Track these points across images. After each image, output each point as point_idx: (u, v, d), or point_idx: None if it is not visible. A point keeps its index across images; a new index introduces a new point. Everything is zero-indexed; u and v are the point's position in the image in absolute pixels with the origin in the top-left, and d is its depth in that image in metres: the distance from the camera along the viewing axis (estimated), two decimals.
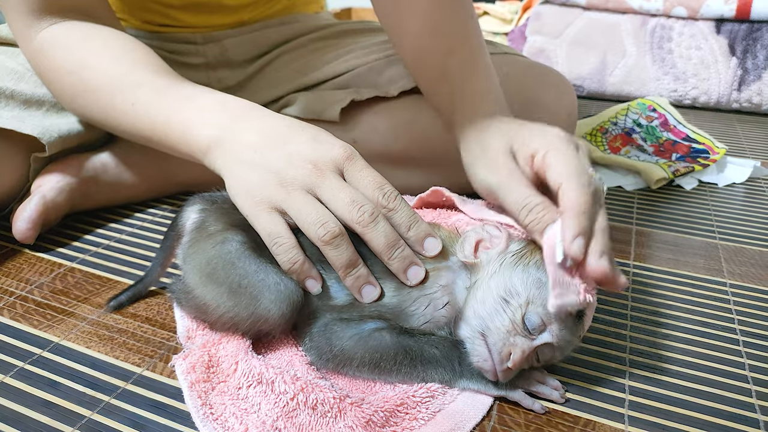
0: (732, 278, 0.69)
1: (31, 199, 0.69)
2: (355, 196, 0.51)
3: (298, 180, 0.52)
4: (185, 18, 0.84)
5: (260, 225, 0.52)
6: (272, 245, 0.51)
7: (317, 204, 0.51)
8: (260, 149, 0.54)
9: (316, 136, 0.55)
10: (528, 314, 0.46)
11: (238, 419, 0.45)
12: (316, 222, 0.50)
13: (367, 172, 0.53)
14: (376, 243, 0.51)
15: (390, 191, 0.52)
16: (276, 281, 0.49)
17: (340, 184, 0.52)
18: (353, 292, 0.51)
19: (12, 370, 0.51)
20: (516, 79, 0.80)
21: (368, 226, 0.50)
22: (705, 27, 1.43)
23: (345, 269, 0.51)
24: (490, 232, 0.52)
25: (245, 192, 0.53)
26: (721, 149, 1.03)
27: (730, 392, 0.51)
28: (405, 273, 0.51)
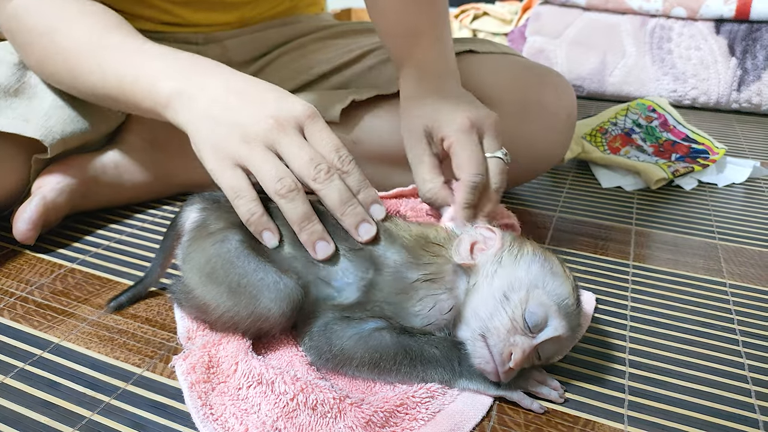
0: (731, 278, 0.69)
1: (32, 200, 0.69)
2: (313, 154, 0.54)
3: (260, 136, 0.54)
4: (186, 15, 0.84)
5: (224, 180, 0.54)
6: (233, 199, 0.53)
7: (277, 160, 0.54)
8: (226, 104, 0.56)
9: (280, 95, 0.57)
10: (529, 309, 0.46)
11: (238, 420, 0.45)
12: (274, 177, 0.52)
13: (326, 134, 0.56)
14: (330, 199, 0.53)
15: (345, 155, 0.55)
16: (275, 280, 0.50)
17: (300, 141, 0.54)
18: (308, 247, 0.53)
19: (12, 371, 0.51)
20: (515, 79, 0.80)
21: (323, 183, 0.53)
22: (704, 27, 1.43)
23: (300, 223, 0.53)
24: (483, 234, 0.52)
25: (210, 147, 0.55)
26: (721, 149, 1.03)
27: (730, 392, 0.51)
28: (356, 229, 0.53)
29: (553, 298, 0.47)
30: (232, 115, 0.55)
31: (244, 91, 0.57)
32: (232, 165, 0.54)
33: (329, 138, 0.55)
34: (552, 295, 0.47)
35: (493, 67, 0.81)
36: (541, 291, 0.47)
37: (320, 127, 0.56)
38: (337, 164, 0.54)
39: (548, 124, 0.81)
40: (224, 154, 0.54)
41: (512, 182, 0.89)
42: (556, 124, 0.82)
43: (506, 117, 0.79)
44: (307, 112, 0.56)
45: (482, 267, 0.50)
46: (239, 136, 0.54)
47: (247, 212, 0.53)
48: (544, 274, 0.48)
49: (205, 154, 0.56)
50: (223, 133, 0.55)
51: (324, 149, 0.55)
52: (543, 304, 0.46)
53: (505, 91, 0.79)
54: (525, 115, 0.79)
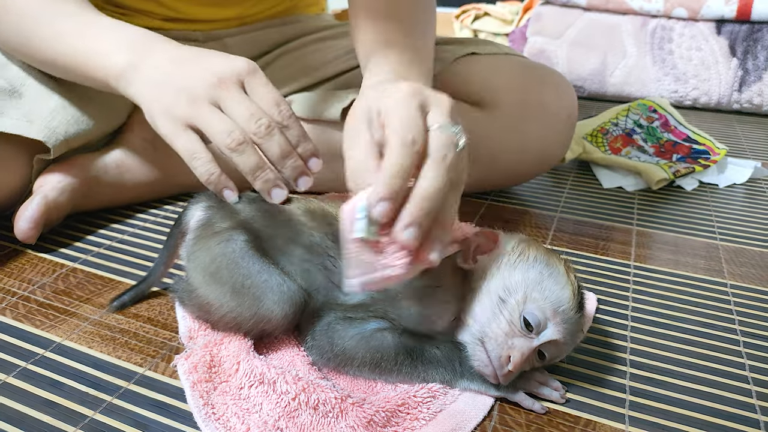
0: (732, 279, 0.70)
1: (33, 199, 0.69)
2: (254, 109, 0.56)
3: (204, 94, 0.56)
4: (186, 9, 0.84)
5: (179, 144, 0.57)
6: (190, 161, 0.56)
7: (223, 116, 0.56)
8: (171, 70, 0.59)
9: (221, 55, 0.60)
10: (527, 311, 0.46)
11: (240, 419, 0.45)
12: (223, 131, 0.55)
13: (267, 89, 0.58)
14: (271, 153, 0.56)
15: (285, 108, 0.57)
16: (279, 282, 0.50)
17: (241, 97, 0.57)
18: (264, 195, 0.56)
19: (15, 370, 0.51)
20: (516, 79, 0.80)
21: (264, 138, 0.55)
22: (705, 28, 1.43)
23: (253, 173, 0.55)
24: (486, 236, 0.52)
25: (161, 113, 0.58)
26: (722, 150, 1.04)
27: (731, 393, 0.51)
28: (296, 181, 0.57)
29: (551, 302, 0.47)
30: (178, 80, 0.58)
31: (187, 57, 0.60)
32: (184, 127, 0.57)
33: (270, 93, 0.58)
34: (550, 300, 0.47)
35: (494, 68, 0.81)
36: (539, 295, 0.47)
37: (261, 82, 0.58)
38: (277, 118, 0.57)
39: (549, 124, 0.81)
40: (175, 117, 0.57)
41: (513, 182, 0.89)
42: (557, 124, 0.82)
43: (507, 117, 0.80)
44: (249, 68, 0.58)
45: (482, 270, 0.50)
46: (186, 98, 0.57)
47: (206, 173, 0.55)
48: (543, 279, 0.47)
49: (158, 121, 0.58)
50: (170, 98, 0.57)
51: (264, 104, 0.57)
52: (540, 308, 0.46)
53: (506, 91, 0.80)
54: (526, 115, 0.79)
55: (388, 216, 0.42)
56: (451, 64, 0.82)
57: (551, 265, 0.49)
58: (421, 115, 0.47)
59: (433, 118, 0.47)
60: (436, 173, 0.44)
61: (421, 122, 0.46)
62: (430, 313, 0.50)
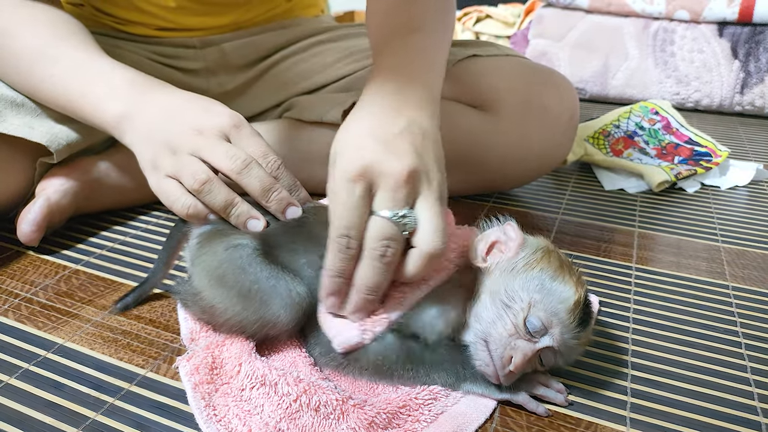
0: (734, 281, 0.69)
1: (36, 202, 0.70)
2: (231, 149, 0.55)
3: (185, 147, 0.56)
4: (180, 19, 0.85)
5: (161, 194, 0.57)
6: (170, 206, 0.56)
7: (195, 161, 0.55)
8: (157, 124, 0.59)
9: (208, 107, 0.59)
10: (530, 317, 0.46)
11: (242, 421, 0.45)
12: (190, 175, 0.55)
13: (254, 140, 0.57)
14: (252, 188, 0.55)
15: (273, 159, 0.57)
16: (287, 288, 0.50)
17: (219, 142, 0.56)
18: (240, 228, 0.55)
19: (17, 372, 0.51)
20: (518, 81, 0.80)
21: (242, 173, 0.54)
22: (707, 30, 1.43)
23: (224, 210, 0.55)
24: (509, 234, 0.52)
25: (149, 167, 0.59)
26: (724, 152, 1.03)
27: (732, 395, 0.51)
28: (284, 213, 0.56)
29: (550, 312, 0.46)
30: (162, 134, 0.58)
31: (174, 109, 0.60)
32: (166, 178, 0.57)
33: (256, 144, 0.57)
34: (550, 310, 0.47)
35: (496, 70, 0.81)
36: (541, 304, 0.47)
37: (247, 135, 0.58)
38: (267, 170, 0.56)
39: (551, 125, 0.81)
40: (159, 170, 0.57)
41: (515, 184, 0.89)
42: (559, 125, 0.82)
43: (509, 119, 0.80)
44: (233, 121, 0.58)
45: (492, 271, 0.50)
46: (169, 151, 0.57)
47: (183, 208, 0.55)
48: (548, 289, 0.47)
49: (147, 174, 0.59)
50: (157, 152, 0.58)
51: (251, 154, 0.56)
52: (542, 317, 0.46)
53: (508, 93, 0.80)
54: (528, 117, 0.80)
55: (338, 306, 0.49)
56: (452, 66, 0.82)
57: (558, 278, 0.48)
58: (364, 201, 0.47)
59: (379, 202, 0.47)
60: (369, 267, 0.47)
61: (359, 217, 0.47)
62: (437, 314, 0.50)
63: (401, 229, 0.46)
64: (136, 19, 0.84)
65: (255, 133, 0.58)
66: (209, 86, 0.89)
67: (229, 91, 0.90)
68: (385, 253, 0.46)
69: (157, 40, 0.86)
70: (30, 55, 0.67)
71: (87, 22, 0.82)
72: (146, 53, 0.85)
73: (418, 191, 0.48)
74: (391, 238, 0.46)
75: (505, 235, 0.52)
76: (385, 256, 0.46)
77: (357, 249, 0.47)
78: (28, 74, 0.68)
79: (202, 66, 0.88)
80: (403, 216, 0.47)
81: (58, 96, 0.67)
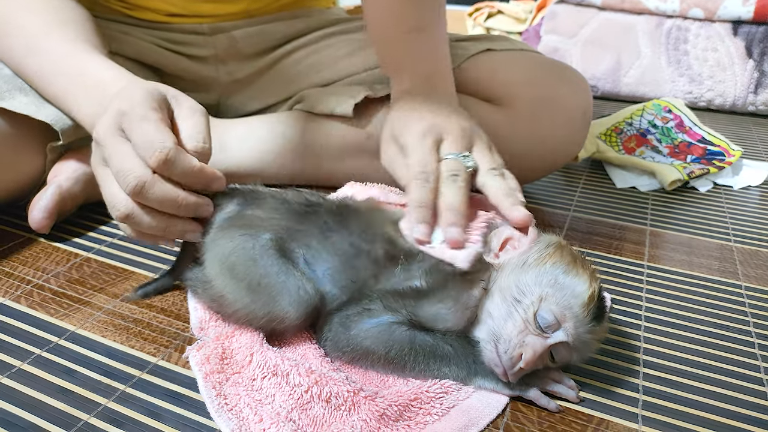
0: (747, 281, 0.69)
1: (47, 189, 0.70)
2: (123, 166, 0.49)
3: (99, 159, 0.53)
4: (189, 5, 0.84)
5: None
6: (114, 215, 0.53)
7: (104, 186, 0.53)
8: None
9: (118, 94, 0.53)
10: (540, 312, 0.46)
11: (253, 410, 0.45)
12: (111, 208, 0.52)
13: (140, 128, 0.50)
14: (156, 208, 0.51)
15: (159, 149, 0.48)
16: (297, 285, 0.50)
17: (115, 151, 0.50)
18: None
19: (29, 357, 0.51)
20: (532, 75, 0.80)
21: (140, 196, 0.50)
22: (722, 29, 1.42)
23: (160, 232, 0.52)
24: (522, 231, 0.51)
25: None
26: (737, 152, 1.03)
27: (745, 394, 0.51)
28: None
29: (563, 306, 0.46)
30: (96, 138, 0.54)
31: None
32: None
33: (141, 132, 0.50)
34: (562, 305, 0.46)
35: (509, 64, 0.81)
36: (553, 299, 0.46)
37: (136, 120, 0.51)
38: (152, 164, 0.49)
39: (564, 120, 0.81)
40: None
41: (526, 179, 0.88)
42: (572, 120, 0.81)
43: (523, 113, 0.79)
44: (122, 107, 0.51)
45: (504, 267, 0.50)
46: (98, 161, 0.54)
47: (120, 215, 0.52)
48: (559, 284, 0.47)
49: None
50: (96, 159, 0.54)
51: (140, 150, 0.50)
52: (555, 311, 0.46)
53: (522, 87, 0.79)
54: (541, 111, 0.79)
55: (426, 234, 0.52)
56: (466, 61, 0.81)
57: (571, 272, 0.48)
58: (435, 149, 0.58)
59: (445, 148, 0.58)
60: (449, 189, 0.55)
61: (434, 159, 0.57)
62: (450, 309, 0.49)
63: (465, 165, 0.57)
64: (145, 5, 0.84)
65: (143, 116, 0.50)
66: (218, 74, 0.89)
67: (239, 80, 0.90)
68: (456, 180, 0.55)
69: (167, 26, 0.86)
70: (22, 46, 0.68)
71: (97, 8, 0.83)
72: (155, 39, 0.85)
73: (473, 143, 0.60)
74: (459, 170, 0.56)
75: (519, 231, 0.52)
76: (458, 179, 0.55)
77: (435, 183, 0.55)
78: (23, 66, 0.69)
79: (212, 53, 0.88)
80: (464, 156, 0.58)
81: (46, 92, 0.68)
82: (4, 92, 0.69)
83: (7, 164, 0.69)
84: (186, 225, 0.54)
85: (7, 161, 0.69)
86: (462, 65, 0.81)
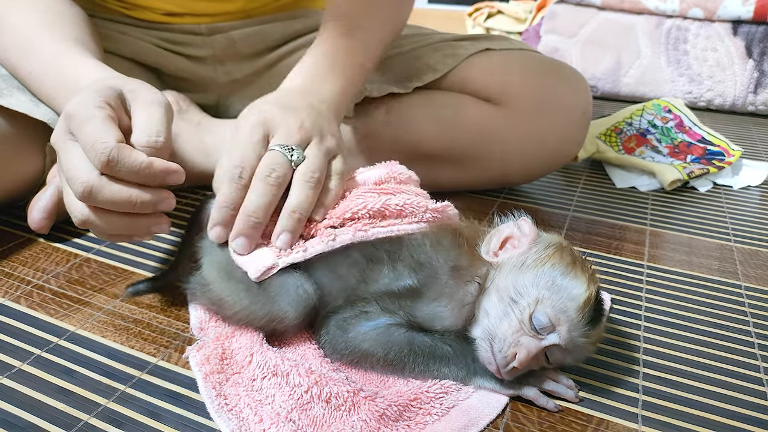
0: (747, 281, 0.69)
1: (47, 189, 0.70)
2: (70, 173, 0.48)
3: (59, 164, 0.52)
4: (187, 3, 0.84)
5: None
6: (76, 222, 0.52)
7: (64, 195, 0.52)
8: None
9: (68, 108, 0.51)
10: (536, 313, 0.46)
11: (253, 410, 0.45)
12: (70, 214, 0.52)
13: (85, 129, 0.48)
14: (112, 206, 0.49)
15: (101, 149, 0.46)
16: (297, 285, 0.50)
17: (67, 153, 0.49)
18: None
19: (29, 358, 0.51)
20: (531, 75, 0.80)
21: (90, 200, 0.48)
22: (721, 29, 1.42)
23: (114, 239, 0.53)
24: (523, 229, 0.51)
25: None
26: (737, 152, 1.03)
27: (745, 394, 0.51)
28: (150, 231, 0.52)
29: (562, 309, 0.46)
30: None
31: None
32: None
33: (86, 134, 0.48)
34: (561, 307, 0.46)
35: (508, 64, 0.81)
36: (549, 301, 0.46)
37: (81, 122, 0.49)
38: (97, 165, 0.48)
39: (563, 119, 0.81)
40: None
41: (526, 178, 0.88)
42: (572, 120, 0.81)
43: (522, 113, 0.80)
44: (70, 110, 0.49)
45: (503, 266, 0.50)
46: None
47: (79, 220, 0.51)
48: (556, 286, 0.47)
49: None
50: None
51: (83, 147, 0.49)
52: (550, 313, 0.46)
53: (521, 87, 0.79)
54: (541, 111, 0.79)
55: (222, 237, 0.51)
56: (465, 61, 0.81)
57: (569, 274, 0.47)
58: (262, 144, 0.53)
59: (273, 141, 0.53)
60: (254, 190, 0.50)
61: (255, 154, 0.52)
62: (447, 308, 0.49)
63: (288, 158, 0.52)
64: (143, 4, 0.84)
65: (88, 116, 0.48)
66: (216, 75, 0.89)
67: (237, 80, 0.90)
68: (270, 174, 0.50)
69: (165, 26, 0.86)
70: (16, 47, 0.68)
71: (95, 8, 0.83)
72: (153, 39, 0.85)
73: (309, 141, 0.54)
74: (278, 165, 0.51)
75: (519, 230, 0.51)
76: (269, 177, 0.50)
77: (248, 180, 0.50)
78: (17, 67, 0.69)
79: (210, 54, 0.88)
80: (290, 149, 0.52)
81: (39, 92, 0.68)
82: (2, 90, 0.69)
83: (6, 164, 0.69)
84: (151, 220, 0.51)
85: (7, 161, 0.69)
86: (461, 65, 0.81)
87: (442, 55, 0.82)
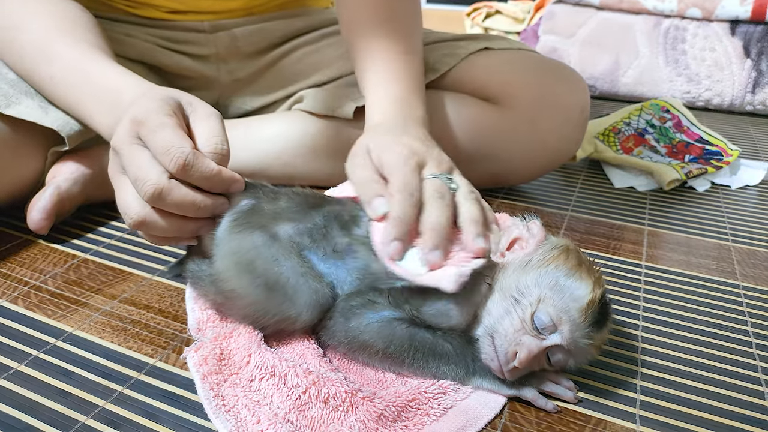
0: (745, 280, 0.69)
1: (46, 190, 0.70)
2: (140, 170, 0.50)
3: (117, 168, 0.54)
4: (190, 1, 0.85)
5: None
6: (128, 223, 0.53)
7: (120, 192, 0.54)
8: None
9: (133, 101, 0.54)
10: (538, 312, 0.46)
11: (251, 411, 0.45)
12: (124, 215, 0.53)
13: (157, 136, 0.50)
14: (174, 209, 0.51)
15: (177, 155, 0.49)
16: (315, 287, 0.49)
17: (133, 159, 0.51)
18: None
19: (27, 359, 0.51)
20: (530, 74, 0.80)
21: (158, 202, 0.50)
22: (719, 28, 1.42)
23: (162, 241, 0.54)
24: (532, 231, 0.51)
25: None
26: (735, 151, 1.03)
27: (743, 394, 0.51)
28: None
29: (564, 309, 0.46)
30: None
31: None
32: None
33: (159, 139, 0.50)
34: (564, 307, 0.46)
35: (507, 63, 0.81)
36: (551, 301, 0.46)
37: (152, 129, 0.51)
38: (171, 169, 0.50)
39: (562, 119, 0.81)
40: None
41: (524, 178, 0.88)
42: (570, 119, 0.81)
43: (520, 112, 0.80)
44: (136, 117, 0.51)
45: (508, 266, 0.50)
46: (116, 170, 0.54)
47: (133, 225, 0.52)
48: (561, 286, 0.47)
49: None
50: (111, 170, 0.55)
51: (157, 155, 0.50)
52: (551, 313, 0.46)
53: (520, 86, 0.79)
54: (539, 110, 0.79)
55: (401, 252, 0.50)
56: (464, 60, 0.81)
57: (573, 275, 0.47)
58: (418, 171, 0.55)
59: (428, 171, 0.56)
60: (434, 208, 0.52)
61: (417, 178, 0.54)
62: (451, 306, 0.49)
63: (449, 186, 0.55)
64: (148, 1, 0.84)
65: (161, 123, 0.50)
66: (219, 73, 0.89)
67: (240, 78, 0.90)
68: (443, 197, 0.53)
69: (168, 23, 0.86)
70: (32, 52, 0.68)
71: (99, 6, 0.83)
72: (156, 39, 0.85)
73: (452, 169, 0.59)
74: (445, 190, 0.54)
75: (528, 231, 0.52)
76: (442, 200, 0.53)
77: (418, 199, 0.53)
78: (32, 72, 0.69)
79: (213, 52, 0.88)
80: (448, 178, 0.56)
81: (59, 99, 0.68)
82: (10, 97, 0.69)
83: (6, 166, 0.69)
84: (200, 223, 0.54)
85: (7, 163, 0.69)
86: (459, 64, 0.81)
87: (440, 55, 0.82)
